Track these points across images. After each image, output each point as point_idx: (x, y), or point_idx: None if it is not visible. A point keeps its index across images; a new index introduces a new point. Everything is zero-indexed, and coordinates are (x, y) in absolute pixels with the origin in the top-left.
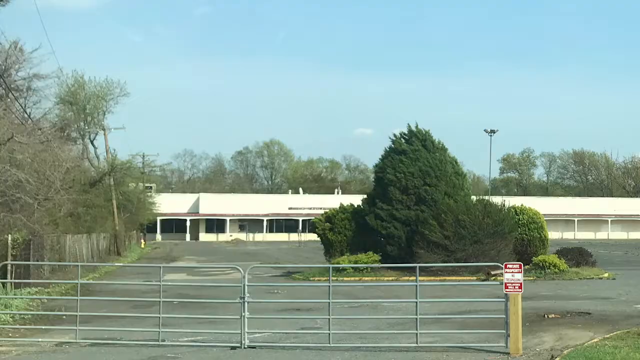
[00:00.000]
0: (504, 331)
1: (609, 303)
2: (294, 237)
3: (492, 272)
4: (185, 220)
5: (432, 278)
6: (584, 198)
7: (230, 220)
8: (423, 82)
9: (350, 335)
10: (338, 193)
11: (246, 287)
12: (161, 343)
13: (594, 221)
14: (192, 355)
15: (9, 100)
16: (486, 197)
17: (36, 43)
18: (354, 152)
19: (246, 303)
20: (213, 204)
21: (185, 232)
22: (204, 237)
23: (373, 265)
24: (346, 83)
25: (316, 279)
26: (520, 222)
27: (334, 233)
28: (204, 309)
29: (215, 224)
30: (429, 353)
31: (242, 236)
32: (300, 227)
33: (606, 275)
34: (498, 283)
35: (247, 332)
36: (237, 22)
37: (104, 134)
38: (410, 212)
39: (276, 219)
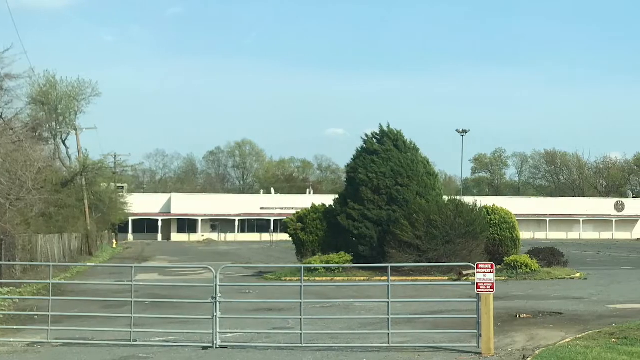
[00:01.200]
0: (475, 331)
1: (581, 303)
2: (265, 237)
3: (464, 272)
4: (157, 220)
5: (404, 278)
6: (555, 198)
7: (202, 220)
8: (395, 82)
9: (322, 335)
10: (310, 193)
11: (218, 287)
12: (133, 343)
13: (566, 221)
14: (164, 355)
15: None
16: (458, 197)
17: (8, 43)
18: (326, 152)
19: (218, 303)
20: (185, 204)
21: (157, 232)
22: (175, 237)
23: (345, 265)
24: (318, 83)
25: (288, 279)
26: (492, 222)
27: (306, 233)
28: (175, 309)
29: (187, 224)
30: (400, 353)
31: (214, 236)
32: (272, 227)
33: (578, 275)
34: (470, 283)
35: (219, 332)
36: (209, 22)
37: (76, 134)
38: (382, 212)
39: (248, 219)
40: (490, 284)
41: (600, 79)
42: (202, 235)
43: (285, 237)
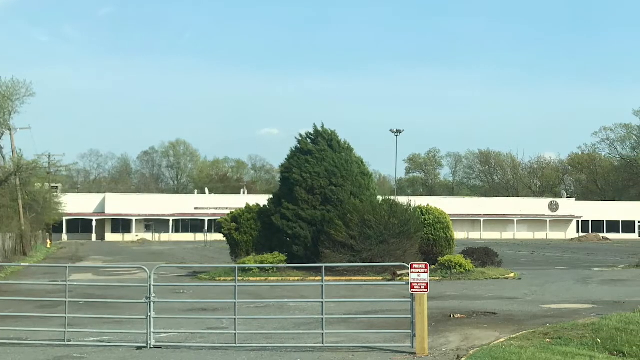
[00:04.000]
0: (409, 331)
1: (515, 303)
2: (200, 237)
3: (398, 272)
4: (91, 220)
5: (338, 278)
6: (490, 198)
7: (136, 220)
8: (330, 82)
9: (256, 335)
10: (244, 193)
11: (152, 287)
12: (67, 343)
13: (500, 221)
14: (98, 355)
15: None
16: (392, 197)
17: None
18: (260, 152)
19: (152, 303)
20: (119, 204)
21: (92, 232)
22: (110, 237)
23: (279, 265)
24: (253, 83)
25: (222, 279)
26: (426, 222)
27: (240, 233)
28: (110, 309)
29: (121, 224)
30: (334, 353)
31: (148, 236)
32: (206, 227)
33: (512, 275)
34: (404, 283)
35: (153, 332)
36: (143, 22)
37: (10, 134)
38: (316, 212)
39: (182, 219)
40: (425, 284)
41: (535, 79)
42: (137, 235)
43: (219, 237)
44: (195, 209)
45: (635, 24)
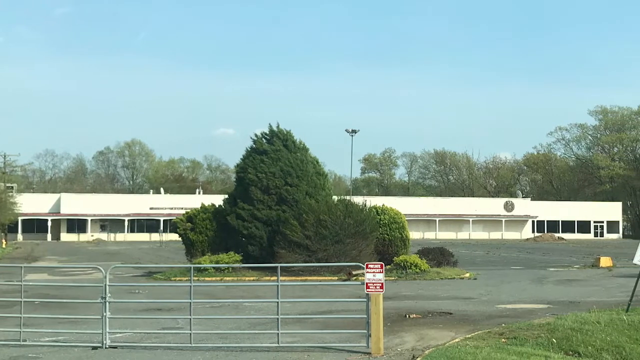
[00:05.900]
0: (365, 331)
1: (470, 303)
2: (155, 237)
3: (354, 272)
4: (47, 220)
5: (294, 278)
6: (445, 198)
7: (91, 220)
8: (285, 82)
9: (212, 335)
10: (199, 193)
11: (107, 287)
12: (22, 343)
13: (456, 221)
14: (54, 355)
15: None
16: (348, 197)
17: None
18: (216, 152)
19: (107, 303)
20: (74, 204)
21: (47, 232)
22: (65, 237)
23: (234, 265)
24: (208, 83)
25: (177, 279)
26: (381, 222)
27: (195, 233)
28: (65, 309)
29: (77, 224)
30: (290, 353)
31: (104, 236)
32: (161, 227)
33: (467, 275)
34: (359, 283)
35: (109, 332)
36: (98, 22)
37: None
38: (272, 212)
39: (137, 219)
40: (380, 284)
41: (490, 79)
42: (92, 235)
43: (175, 237)
44: (151, 209)
45: (590, 24)
